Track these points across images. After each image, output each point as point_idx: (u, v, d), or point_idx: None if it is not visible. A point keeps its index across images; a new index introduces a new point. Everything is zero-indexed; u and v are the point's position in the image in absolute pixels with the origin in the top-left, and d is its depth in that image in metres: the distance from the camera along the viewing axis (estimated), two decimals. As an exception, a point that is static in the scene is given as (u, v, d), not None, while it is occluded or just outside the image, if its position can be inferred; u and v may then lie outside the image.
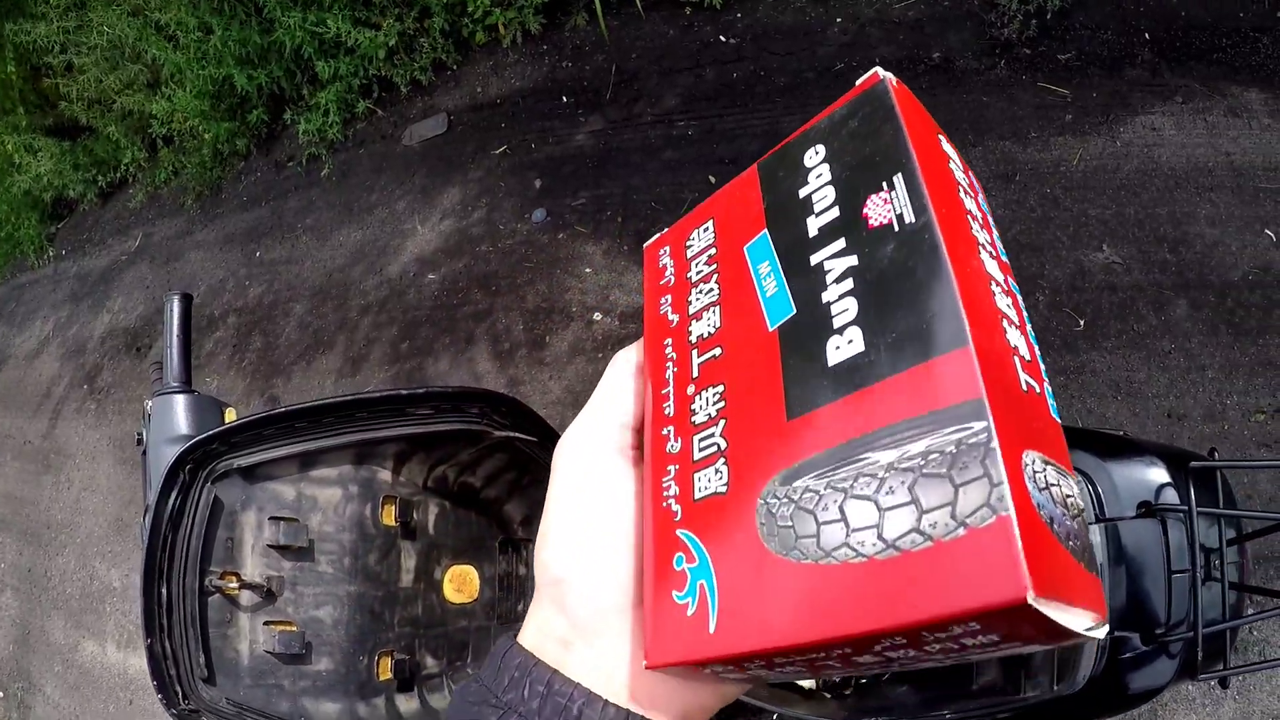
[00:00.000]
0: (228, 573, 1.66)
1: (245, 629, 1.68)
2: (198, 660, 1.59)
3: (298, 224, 4.59)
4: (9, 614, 5.18)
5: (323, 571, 1.77)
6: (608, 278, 3.40)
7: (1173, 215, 2.73)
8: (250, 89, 4.62)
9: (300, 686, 1.71)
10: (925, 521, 0.36)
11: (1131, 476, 1.50)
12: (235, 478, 1.67)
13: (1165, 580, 1.45)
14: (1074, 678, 1.43)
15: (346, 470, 1.80)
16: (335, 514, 1.79)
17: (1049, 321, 2.72)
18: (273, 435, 1.66)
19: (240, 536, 1.69)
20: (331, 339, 4.07)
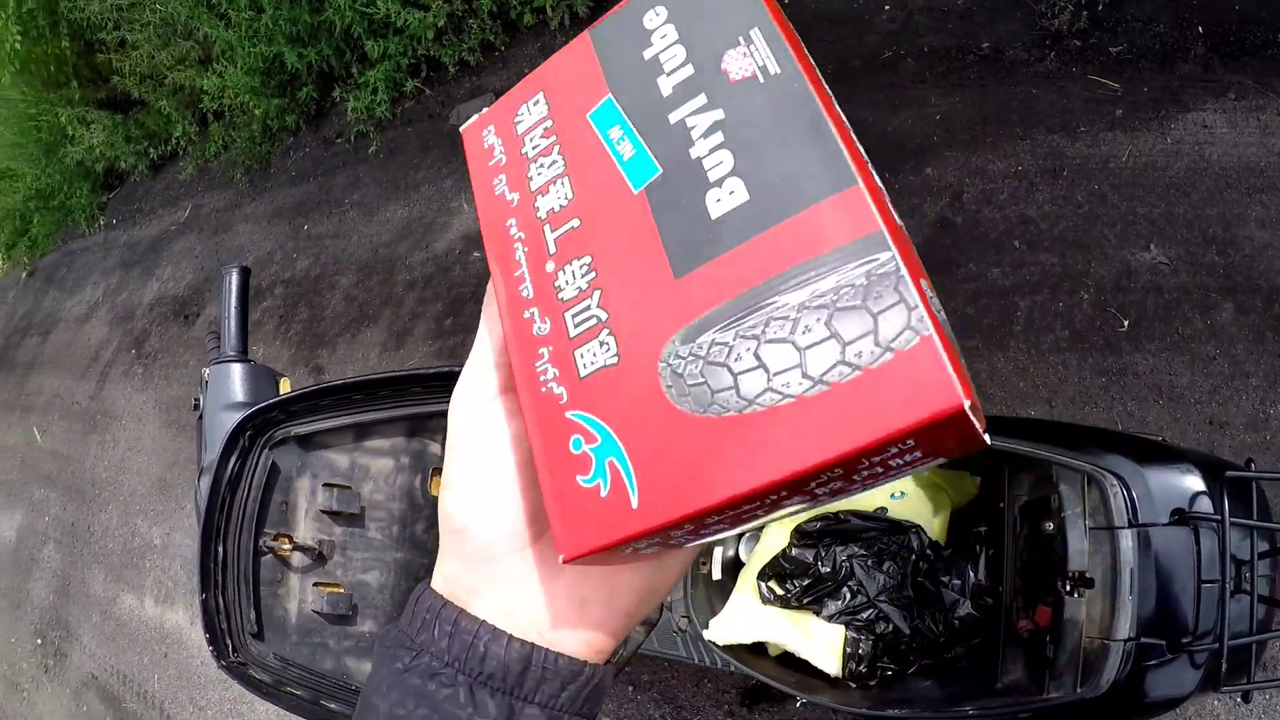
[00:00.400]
0: (281, 535, 1.75)
1: (295, 589, 1.76)
2: (248, 616, 1.67)
3: (345, 199, 4.64)
4: (51, 565, 5.30)
5: (372, 538, 1.84)
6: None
7: (1222, 216, 2.67)
8: (300, 67, 4.67)
9: (344, 646, 1.78)
10: (849, 353, 0.37)
11: (1166, 483, 1.50)
12: (292, 445, 1.75)
13: (1194, 590, 1.45)
14: (1098, 681, 1.43)
15: (399, 442, 1.85)
16: (386, 483, 1.85)
17: (1093, 321, 2.68)
18: (330, 406, 1.73)
19: (294, 501, 1.76)
20: (376, 313, 4.13)
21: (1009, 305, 2.80)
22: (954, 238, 2.95)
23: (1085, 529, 1.53)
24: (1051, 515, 1.61)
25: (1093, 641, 1.49)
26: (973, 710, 1.64)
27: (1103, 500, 1.49)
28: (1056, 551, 1.58)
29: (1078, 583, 1.51)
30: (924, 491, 1.95)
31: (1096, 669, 1.45)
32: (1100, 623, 1.48)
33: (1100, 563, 1.49)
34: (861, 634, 1.91)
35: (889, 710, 1.78)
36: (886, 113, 3.22)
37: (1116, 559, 1.45)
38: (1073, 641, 1.52)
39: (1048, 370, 2.69)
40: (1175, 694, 1.50)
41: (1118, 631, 1.43)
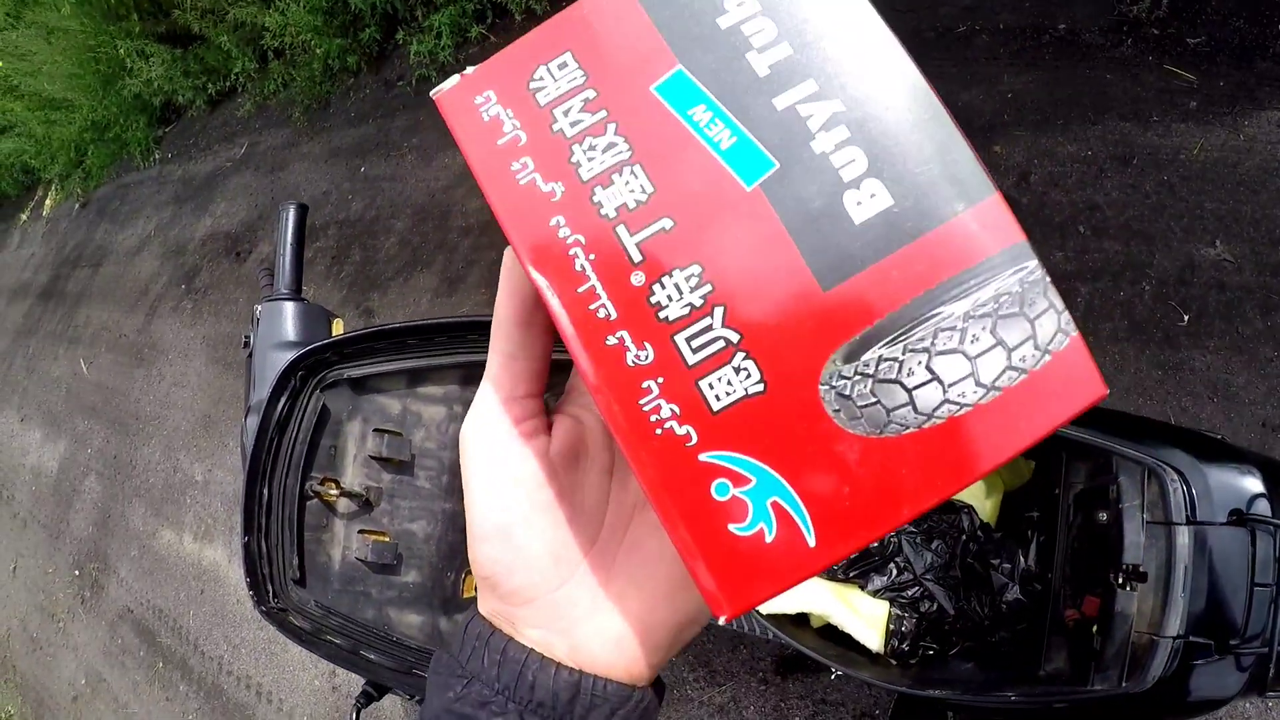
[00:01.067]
0: (328, 479, 1.73)
1: (340, 535, 1.75)
2: (291, 561, 1.67)
3: (403, 143, 4.64)
4: (92, 497, 5.37)
5: (420, 486, 1.82)
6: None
7: None
8: (364, 7, 4.66)
9: (387, 596, 1.77)
10: (1015, 358, 0.40)
11: (1226, 482, 1.49)
12: (344, 388, 1.73)
13: (1247, 592, 1.44)
14: (1143, 676, 1.43)
15: (453, 390, 1.83)
16: (438, 431, 1.83)
17: (1153, 312, 2.66)
18: (384, 350, 1.71)
19: (344, 445, 1.75)
20: (430, 258, 4.14)
21: (1070, 290, 2.78)
22: (1019, 218, 2.79)
23: (1143, 522, 1.52)
24: (1108, 505, 1.60)
25: (1141, 636, 1.48)
26: (1014, 696, 1.63)
27: (1162, 495, 1.48)
28: (1110, 543, 1.57)
29: (1131, 576, 1.51)
30: (975, 470, 1.93)
31: (1143, 664, 1.44)
32: (1150, 618, 1.47)
33: (1155, 558, 1.49)
34: (906, 611, 1.92)
35: (929, 690, 1.77)
36: (957, 87, 3.19)
37: (1172, 555, 1.45)
38: (1121, 635, 1.51)
39: (1104, 359, 2.65)
40: (1219, 695, 1.49)
41: (1167, 628, 1.43)
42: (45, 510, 5.82)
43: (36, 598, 5.52)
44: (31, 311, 7.70)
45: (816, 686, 2.69)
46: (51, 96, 7.47)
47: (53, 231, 8.43)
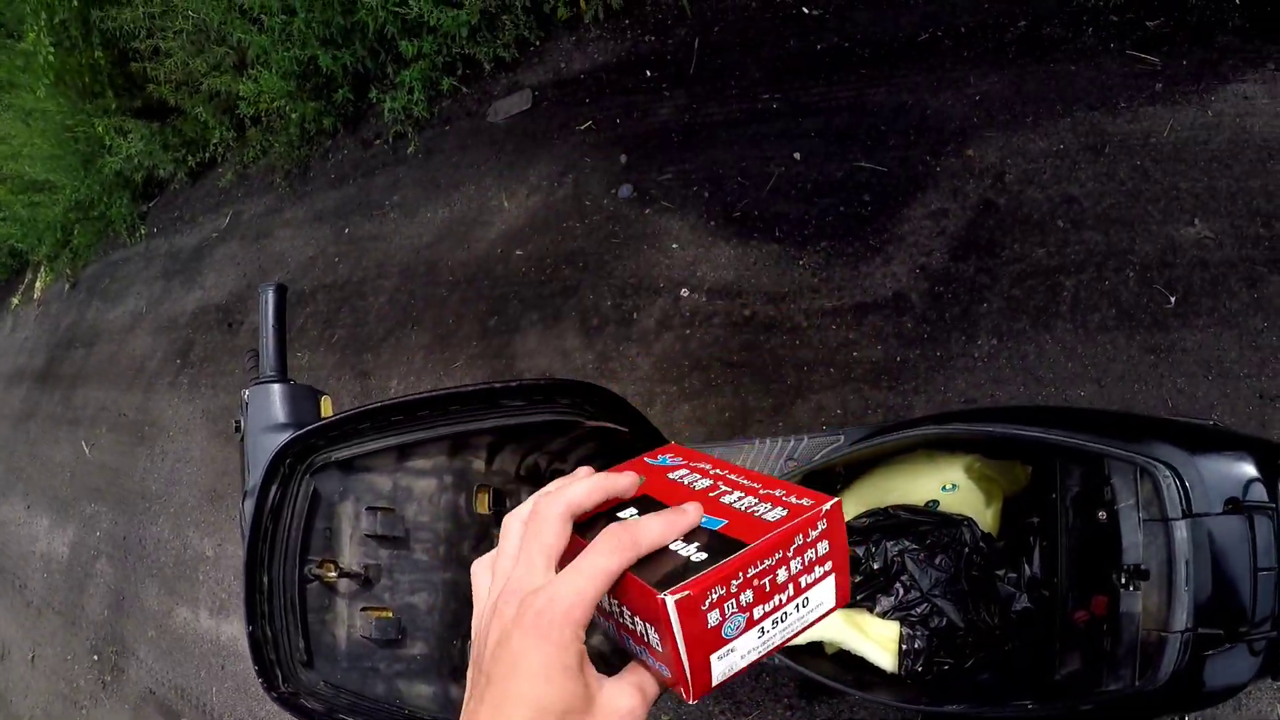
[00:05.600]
0: (326, 561, 1.73)
1: (343, 615, 1.74)
2: (297, 645, 1.66)
3: (385, 201, 4.68)
4: (105, 580, 5.38)
5: (418, 559, 1.83)
6: (695, 253, 3.42)
7: (1266, 188, 2.66)
8: (335, 69, 4.71)
9: (395, 670, 1.77)
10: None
11: (1219, 471, 1.50)
12: (333, 470, 1.73)
13: (1251, 578, 1.45)
14: (1157, 673, 1.44)
15: (441, 461, 1.84)
16: (430, 504, 1.84)
17: (1139, 298, 2.68)
18: (369, 429, 1.71)
19: (338, 526, 1.74)
20: (420, 315, 4.17)
21: (1055, 285, 2.80)
22: (998, 219, 2.95)
23: (1139, 521, 1.53)
24: (1104, 506, 1.61)
25: (1150, 634, 1.48)
26: (1032, 704, 1.64)
27: (1156, 492, 1.49)
28: (1110, 544, 1.58)
29: (1133, 575, 1.51)
30: (975, 483, 1.95)
31: (1155, 661, 1.45)
32: (1157, 615, 1.47)
33: (1155, 554, 1.49)
34: (916, 629, 1.93)
35: (948, 706, 1.78)
36: (925, 95, 3.22)
37: (1171, 551, 1.46)
38: (1130, 634, 1.51)
39: (1095, 350, 2.68)
40: (1234, 682, 1.49)
41: (1175, 623, 1.43)
42: (59, 597, 5.83)
43: (57, 685, 5.52)
44: (30, 396, 7.71)
45: (842, 707, 2.70)
46: (33, 179, 7.52)
47: (45, 314, 8.45)
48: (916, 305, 2.97)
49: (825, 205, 3.21)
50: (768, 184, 3.33)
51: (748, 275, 3.27)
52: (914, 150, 3.19)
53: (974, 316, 2.88)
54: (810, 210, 3.23)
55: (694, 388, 3.23)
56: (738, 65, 3.70)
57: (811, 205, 3.24)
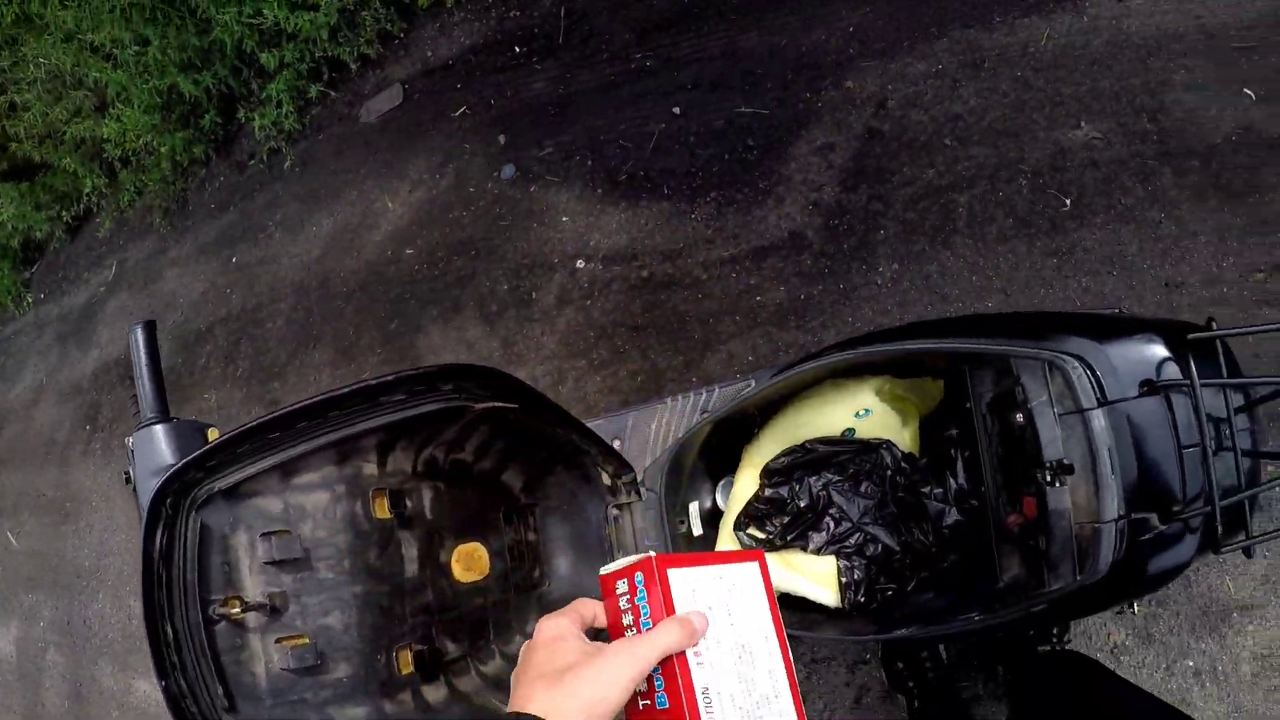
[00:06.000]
0: (230, 598, 1.64)
1: (258, 650, 1.66)
2: (216, 692, 1.57)
3: (268, 222, 4.55)
4: (57, 670, 5.20)
5: (324, 578, 1.75)
6: (585, 222, 3.38)
7: (1148, 85, 2.70)
8: (198, 93, 4.56)
9: (323, 697, 1.70)
10: None
11: (1129, 355, 1.49)
12: (219, 501, 1.63)
13: (1177, 456, 1.44)
14: (1096, 565, 1.41)
15: (330, 472, 1.76)
16: (326, 518, 1.75)
17: (1035, 205, 2.70)
18: (247, 452, 1.62)
19: (235, 559, 1.66)
20: (320, 332, 4.06)
21: (949, 203, 2.81)
22: (884, 146, 2.95)
23: (1055, 416, 1.51)
24: (1019, 408, 1.58)
25: (1084, 527, 1.47)
26: (979, 615, 1.62)
27: (1067, 384, 1.47)
28: (1030, 443, 1.55)
29: (1057, 471, 1.49)
30: (889, 405, 1.92)
31: (1093, 553, 1.43)
32: (1088, 507, 1.46)
33: (1076, 447, 1.48)
34: (853, 560, 1.90)
35: (895, 631, 1.76)
36: (799, 33, 3.20)
37: (1092, 441, 1.44)
38: (1064, 531, 1.49)
39: (998, 260, 2.70)
40: (1176, 563, 1.49)
41: (1106, 512, 1.42)
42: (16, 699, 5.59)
43: (33, 794, 5.34)
44: (-58, 494, 7.45)
45: (804, 648, 2.68)
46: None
47: (-59, 405, 8.18)
48: (813, 241, 2.95)
49: (710, 156, 3.18)
50: (650, 143, 3.29)
51: (641, 237, 3.23)
52: (792, 89, 3.16)
53: (872, 245, 2.87)
54: (696, 163, 3.20)
55: (602, 358, 3.18)
56: (606, 29, 3.65)
57: (696, 157, 3.20)
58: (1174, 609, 2.41)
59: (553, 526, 2.19)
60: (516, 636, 2.07)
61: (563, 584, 2.18)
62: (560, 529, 2.19)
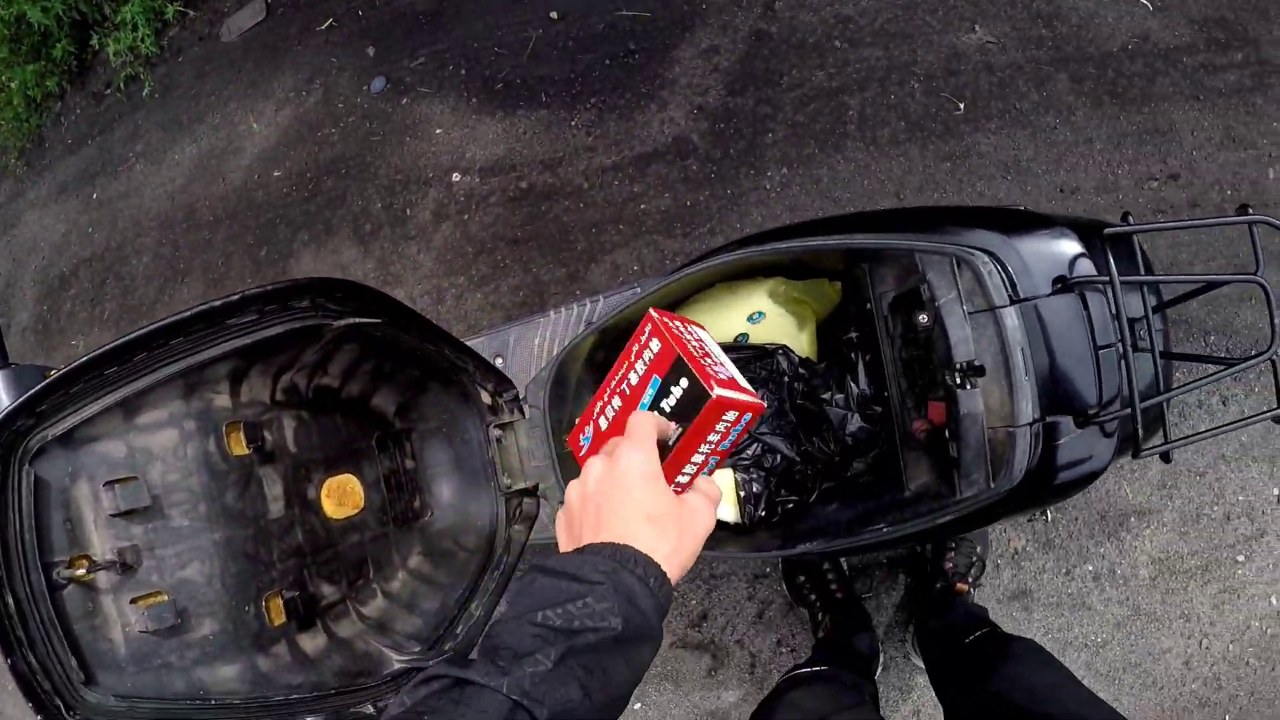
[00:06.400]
0: (76, 558, 1.46)
1: (112, 614, 1.49)
2: (70, 664, 1.41)
3: (129, 154, 4.25)
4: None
5: (179, 527, 1.56)
6: (460, 134, 3.19)
7: None
8: (48, 21, 4.20)
9: (190, 658, 1.54)
10: None
11: (1041, 251, 1.40)
12: (54, 449, 1.44)
13: (1093, 357, 1.38)
14: (1010, 471, 1.36)
15: (177, 407, 1.56)
16: (176, 459, 1.56)
17: (928, 108, 2.63)
18: (82, 391, 1.43)
19: (78, 514, 1.47)
20: (189, 265, 3.81)
21: (839, 105, 2.71)
22: (772, 48, 2.82)
23: (964, 314, 1.39)
24: (924, 307, 1.47)
25: (997, 431, 1.38)
26: (886, 526, 1.54)
27: (978, 281, 1.36)
28: (938, 344, 1.45)
29: (968, 373, 1.38)
30: (783, 308, 1.79)
31: (1007, 459, 1.36)
32: (1001, 411, 1.37)
33: (988, 347, 1.37)
34: (751, 472, 1.81)
35: (798, 545, 1.67)
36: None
37: (1004, 340, 1.34)
38: (976, 436, 1.40)
39: (890, 164, 2.63)
40: (1093, 468, 1.42)
41: (1020, 416, 1.34)
42: None
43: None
44: None
45: (702, 566, 2.64)
46: None
47: None
48: (699, 146, 2.82)
49: (590, 61, 3.01)
50: (526, 49, 3.09)
51: (519, 147, 3.06)
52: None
53: (760, 148, 2.75)
54: (575, 68, 3.02)
55: (482, 273, 3.02)
56: (479, -69, 3.41)
57: (576, 63, 3.03)
58: (1072, 514, 2.42)
59: (432, 451, 2.01)
60: (399, 572, 1.92)
61: (447, 512, 2.01)
62: (440, 453, 2.01)
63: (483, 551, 1.95)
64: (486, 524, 1.98)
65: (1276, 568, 2.35)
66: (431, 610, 1.86)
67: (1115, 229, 1.34)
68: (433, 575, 1.93)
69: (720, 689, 2.64)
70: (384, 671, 1.71)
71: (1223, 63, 2.50)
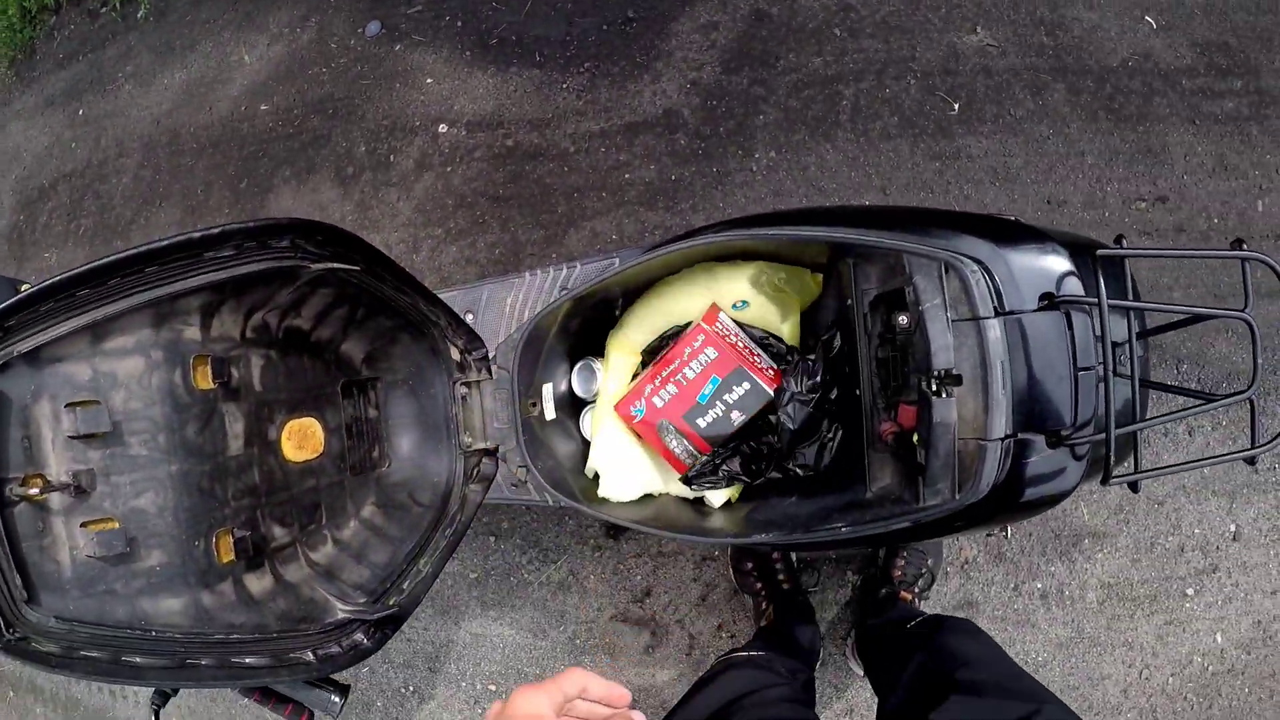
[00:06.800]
0: (30, 477, 1.43)
1: (62, 535, 1.46)
2: (14, 581, 1.39)
3: (119, 74, 4.14)
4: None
5: (136, 455, 1.53)
6: (450, 86, 3.11)
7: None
8: (49, -67, 4.12)
9: (135, 587, 1.52)
10: None
11: (1030, 265, 1.36)
12: (19, 366, 1.41)
13: (1071, 378, 1.33)
14: (977, 484, 1.30)
15: (146, 335, 1.53)
16: (140, 387, 1.53)
17: (922, 106, 2.56)
18: (53, 310, 1.39)
19: (36, 432, 1.44)
20: (168, 189, 3.73)
21: (834, 94, 2.64)
22: (771, 29, 2.74)
23: (948, 321, 1.33)
24: (906, 309, 1.41)
25: (967, 443, 1.32)
26: (845, 526, 1.48)
27: (964, 289, 1.30)
28: (917, 348, 1.39)
29: (945, 381, 1.32)
30: (767, 297, 1.72)
31: (974, 472, 1.30)
32: (973, 422, 1.31)
33: (967, 357, 1.31)
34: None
35: (754, 535, 1.63)
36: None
37: (985, 352, 1.28)
38: (945, 445, 1.34)
39: (879, 158, 2.57)
40: (1060, 490, 1.38)
41: (993, 430, 1.27)
42: None
43: None
44: None
45: (650, 543, 2.63)
46: None
47: None
48: (689, 121, 2.75)
49: (588, 25, 2.92)
50: (525, 7, 2.99)
51: (508, 104, 2.97)
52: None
53: (750, 129, 2.68)
54: (572, 31, 2.93)
55: (460, 227, 2.95)
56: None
57: (573, 26, 2.93)
58: (1027, 530, 2.39)
59: (396, 403, 1.97)
60: (351, 521, 1.89)
61: (404, 465, 1.97)
62: (404, 406, 1.97)
63: (436, 508, 1.91)
64: (443, 480, 1.94)
65: (1225, 605, 2.33)
66: (380, 562, 1.82)
67: (1108, 251, 1.28)
68: (385, 527, 1.90)
69: (656, 666, 2.62)
70: (327, 619, 1.67)
71: (1222, 89, 2.45)
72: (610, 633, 2.65)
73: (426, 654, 2.79)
